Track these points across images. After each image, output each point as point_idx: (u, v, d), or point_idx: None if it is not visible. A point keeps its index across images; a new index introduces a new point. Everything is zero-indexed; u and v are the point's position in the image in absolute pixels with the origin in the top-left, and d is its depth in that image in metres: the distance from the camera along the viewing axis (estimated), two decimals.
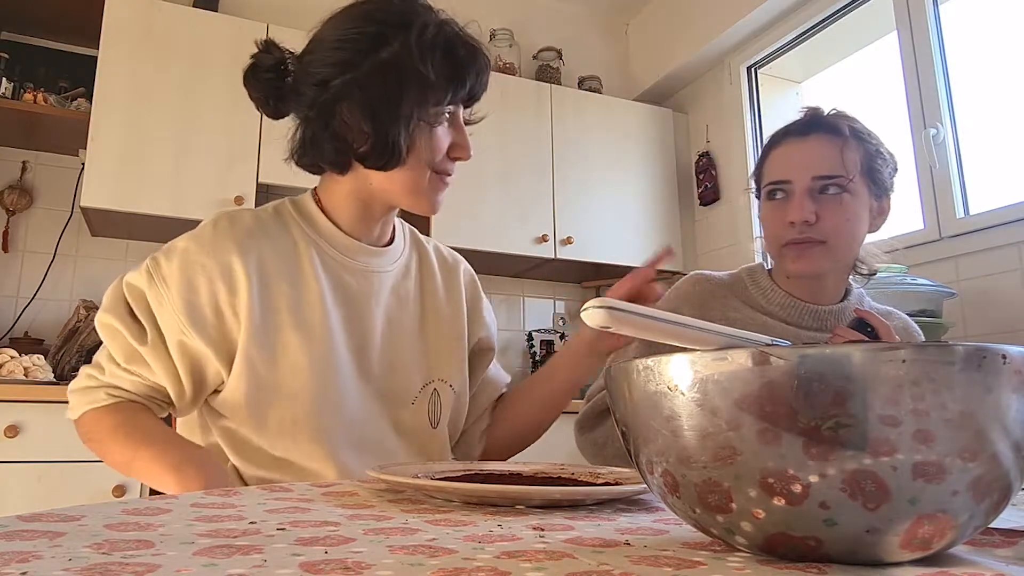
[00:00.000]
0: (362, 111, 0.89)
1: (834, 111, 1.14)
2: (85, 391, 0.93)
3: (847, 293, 1.18)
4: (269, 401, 0.90)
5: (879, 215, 1.13)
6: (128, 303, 0.91)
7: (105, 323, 0.91)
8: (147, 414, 0.92)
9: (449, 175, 0.96)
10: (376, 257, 1.00)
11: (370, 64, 0.88)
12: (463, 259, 1.17)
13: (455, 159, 0.96)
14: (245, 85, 0.95)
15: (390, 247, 1.03)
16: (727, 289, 1.20)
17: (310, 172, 0.99)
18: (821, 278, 1.13)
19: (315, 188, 1.01)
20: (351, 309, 0.96)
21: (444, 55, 0.90)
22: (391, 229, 1.05)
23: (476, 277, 1.17)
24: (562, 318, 3.30)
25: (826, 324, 1.13)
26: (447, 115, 0.93)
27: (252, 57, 0.94)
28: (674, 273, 3.14)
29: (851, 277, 1.19)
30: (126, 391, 0.92)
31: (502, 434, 1.15)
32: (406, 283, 1.04)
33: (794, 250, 1.09)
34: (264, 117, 1.05)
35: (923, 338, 1.17)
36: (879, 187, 1.11)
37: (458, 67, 0.91)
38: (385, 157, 0.90)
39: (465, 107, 0.96)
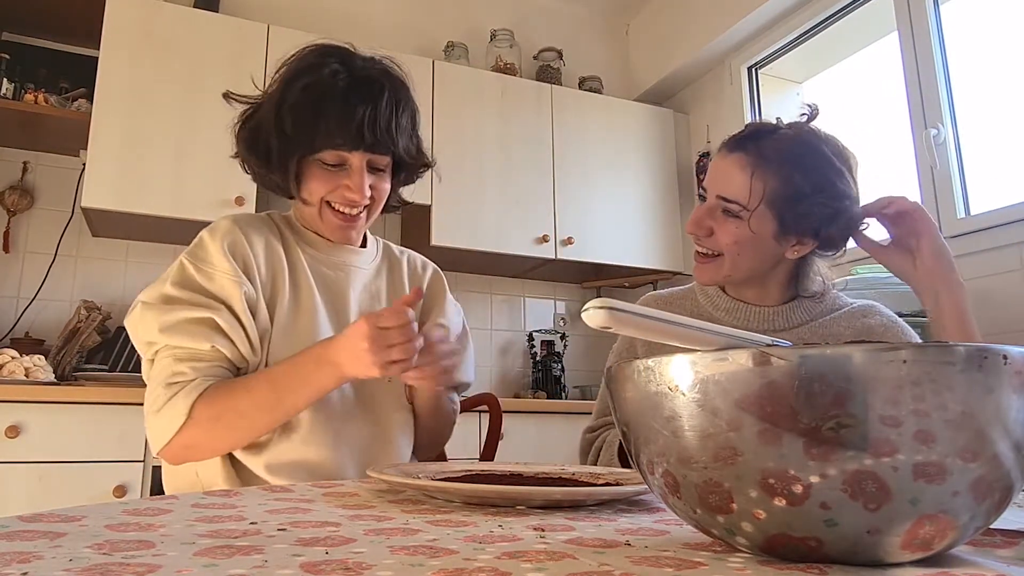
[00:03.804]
0: (249, 154, 1.08)
1: (796, 123, 1.10)
2: (179, 395, 0.92)
3: (794, 297, 1.18)
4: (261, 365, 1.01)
5: (796, 247, 1.09)
6: (177, 297, 0.96)
7: (172, 322, 0.94)
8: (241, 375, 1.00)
9: (345, 211, 1.06)
10: (351, 255, 1.14)
11: (250, 118, 1.07)
12: (433, 264, 1.28)
13: (347, 198, 1.05)
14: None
15: (365, 248, 1.17)
16: (677, 304, 1.24)
17: None
18: (762, 283, 1.15)
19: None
20: (330, 297, 1.09)
21: (314, 112, 1.00)
22: (361, 235, 1.17)
23: (444, 277, 1.27)
24: (563, 318, 3.29)
25: (774, 324, 1.16)
26: (332, 162, 1.02)
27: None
28: (675, 274, 3.14)
29: (798, 286, 1.17)
30: (215, 375, 0.95)
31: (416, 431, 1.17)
32: (377, 282, 1.18)
33: (696, 259, 1.15)
34: None
35: (910, 332, 1.16)
36: (791, 227, 1.06)
37: (331, 122, 0.99)
38: (272, 189, 1.08)
39: (369, 151, 1.02)
